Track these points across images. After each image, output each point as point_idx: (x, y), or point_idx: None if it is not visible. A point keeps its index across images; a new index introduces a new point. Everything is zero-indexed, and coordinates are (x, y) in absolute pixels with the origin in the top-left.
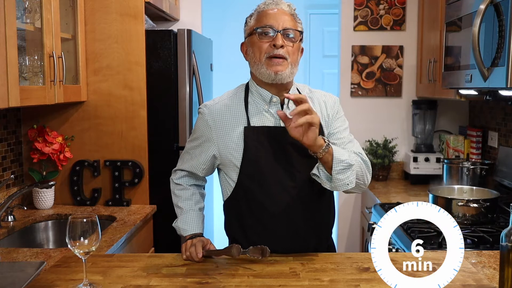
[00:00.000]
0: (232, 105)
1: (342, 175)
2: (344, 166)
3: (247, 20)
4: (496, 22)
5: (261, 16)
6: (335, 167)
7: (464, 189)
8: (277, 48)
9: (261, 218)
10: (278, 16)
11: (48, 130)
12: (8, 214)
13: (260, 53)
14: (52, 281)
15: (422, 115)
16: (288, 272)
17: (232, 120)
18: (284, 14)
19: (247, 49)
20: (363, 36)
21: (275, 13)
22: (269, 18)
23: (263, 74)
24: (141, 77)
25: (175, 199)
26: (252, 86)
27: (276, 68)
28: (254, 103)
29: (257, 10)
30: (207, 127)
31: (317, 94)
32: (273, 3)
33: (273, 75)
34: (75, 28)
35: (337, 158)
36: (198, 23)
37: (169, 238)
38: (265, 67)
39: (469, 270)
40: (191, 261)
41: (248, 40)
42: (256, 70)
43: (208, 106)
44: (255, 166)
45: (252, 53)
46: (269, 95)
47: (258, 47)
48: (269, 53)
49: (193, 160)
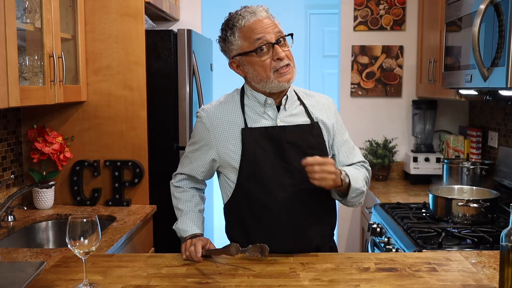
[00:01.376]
0: (229, 108)
1: (355, 199)
2: (358, 193)
3: (228, 38)
4: (496, 22)
5: (247, 33)
6: (351, 194)
7: (464, 189)
8: (282, 60)
9: (262, 219)
10: (265, 27)
11: (48, 130)
12: (8, 214)
13: (266, 70)
14: (52, 281)
15: (422, 115)
16: (288, 272)
17: (230, 122)
18: (267, 21)
19: (240, 66)
20: (363, 36)
21: (260, 25)
22: (257, 32)
23: (273, 88)
24: (141, 77)
25: (175, 202)
26: (247, 90)
27: (286, 77)
28: (250, 106)
29: (237, 27)
30: (206, 130)
31: (317, 97)
32: (249, 14)
33: (286, 84)
34: (75, 28)
35: (353, 187)
36: (198, 23)
37: (169, 238)
38: (276, 81)
39: (469, 270)
40: (191, 261)
41: (241, 59)
42: (264, 85)
43: (205, 109)
44: (254, 166)
45: (255, 72)
46: (263, 97)
47: (261, 66)
48: (276, 67)
49: (192, 163)
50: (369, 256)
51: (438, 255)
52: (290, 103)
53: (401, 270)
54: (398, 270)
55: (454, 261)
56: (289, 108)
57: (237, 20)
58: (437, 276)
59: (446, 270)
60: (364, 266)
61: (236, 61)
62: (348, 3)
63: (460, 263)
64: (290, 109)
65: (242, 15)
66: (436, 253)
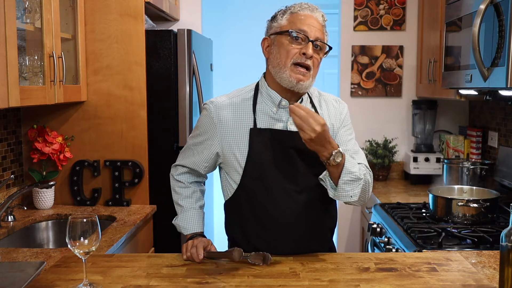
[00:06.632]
0: (240, 104)
1: (348, 186)
2: (352, 178)
3: (277, 17)
4: (496, 22)
5: (295, 19)
6: (342, 177)
7: (464, 189)
8: (307, 57)
9: (262, 222)
10: (313, 25)
11: (48, 130)
12: (8, 214)
13: (287, 57)
14: (52, 281)
15: (422, 115)
16: (288, 272)
17: (239, 120)
18: (318, 23)
19: (269, 46)
20: (363, 36)
21: (311, 21)
22: (304, 23)
23: (283, 79)
24: (141, 77)
25: (176, 196)
26: (263, 86)
27: (299, 77)
28: (263, 105)
29: (290, 10)
30: (212, 124)
31: (329, 98)
32: (309, 8)
33: (295, 83)
34: (75, 28)
35: (347, 168)
36: (198, 23)
37: (169, 238)
38: (289, 73)
39: (469, 270)
40: (191, 262)
41: (275, 38)
42: (277, 72)
43: (214, 103)
44: (260, 169)
45: (277, 54)
46: (278, 98)
47: (287, 51)
48: (296, 60)
49: (195, 156)
50: (369, 256)
51: (438, 255)
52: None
53: (401, 270)
54: (398, 270)
55: (454, 261)
56: None
57: (295, 7)
58: (437, 276)
59: (446, 270)
60: (364, 266)
61: (270, 39)
62: (348, 3)
63: (460, 263)
64: None
65: (301, 5)
66: (436, 253)
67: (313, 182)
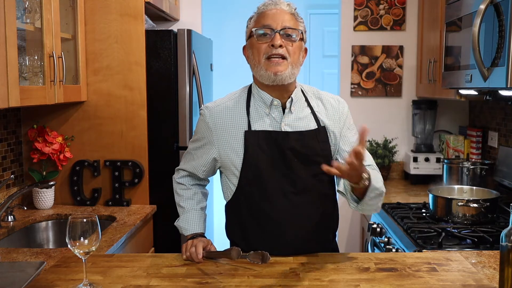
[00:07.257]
0: (234, 108)
1: (373, 201)
2: (377, 194)
3: (248, 23)
4: (496, 22)
5: (260, 17)
6: (369, 193)
7: (464, 189)
8: (275, 48)
9: (262, 224)
10: (277, 16)
11: (48, 130)
12: (8, 214)
13: (259, 55)
14: (52, 281)
15: (422, 115)
16: (288, 272)
17: (233, 123)
18: (283, 13)
19: (248, 52)
20: (363, 36)
21: (274, 13)
22: (267, 18)
23: (263, 76)
24: (141, 77)
25: (177, 198)
26: (254, 89)
27: (275, 68)
28: (256, 107)
29: (256, 12)
30: (208, 129)
31: (327, 97)
32: (271, 3)
33: (273, 76)
34: (75, 28)
35: (373, 185)
36: (198, 23)
37: (169, 238)
38: (265, 69)
39: (469, 270)
40: (191, 261)
41: (248, 43)
42: (257, 72)
43: (209, 108)
44: (256, 171)
45: (252, 55)
46: (270, 98)
47: (257, 49)
48: (268, 54)
49: (194, 161)
50: (369, 256)
51: (438, 255)
52: (296, 105)
53: (401, 270)
54: (398, 270)
55: (454, 261)
56: (296, 111)
57: (259, 7)
58: (437, 276)
59: (446, 270)
60: (364, 266)
61: (246, 47)
62: (348, 3)
63: (460, 263)
64: (297, 111)
65: (265, 4)
66: (436, 253)
67: (310, 182)
